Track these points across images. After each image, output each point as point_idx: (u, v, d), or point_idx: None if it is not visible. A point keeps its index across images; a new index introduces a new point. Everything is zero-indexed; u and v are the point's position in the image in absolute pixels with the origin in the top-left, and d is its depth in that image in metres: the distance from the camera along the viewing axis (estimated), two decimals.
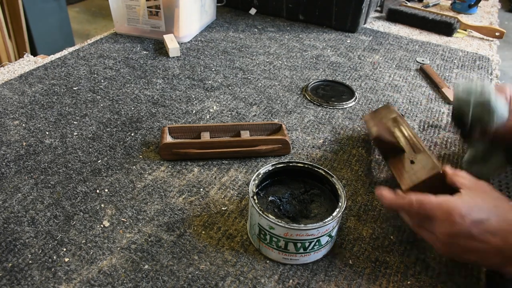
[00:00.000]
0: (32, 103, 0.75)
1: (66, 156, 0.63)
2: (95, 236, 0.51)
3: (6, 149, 0.63)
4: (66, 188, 0.57)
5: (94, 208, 0.54)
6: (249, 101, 0.80)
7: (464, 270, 0.50)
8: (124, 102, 0.77)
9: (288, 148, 0.66)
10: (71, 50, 0.95)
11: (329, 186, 0.53)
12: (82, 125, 0.70)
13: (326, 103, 0.80)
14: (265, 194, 0.53)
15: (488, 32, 1.19)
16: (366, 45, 1.09)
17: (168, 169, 0.62)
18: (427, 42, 1.13)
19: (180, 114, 0.75)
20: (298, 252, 0.47)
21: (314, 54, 1.02)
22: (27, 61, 0.89)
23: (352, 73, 0.94)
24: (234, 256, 0.49)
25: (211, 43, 1.04)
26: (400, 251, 0.51)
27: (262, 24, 1.18)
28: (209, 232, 0.52)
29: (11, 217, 0.52)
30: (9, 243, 0.49)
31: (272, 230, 0.46)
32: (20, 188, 0.57)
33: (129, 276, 0.46)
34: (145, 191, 0.58)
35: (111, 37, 1.03)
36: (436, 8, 1.41)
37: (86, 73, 0.86)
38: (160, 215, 0.54)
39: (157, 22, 1.01)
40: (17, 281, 0.45)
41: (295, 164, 0.54)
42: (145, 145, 0.66)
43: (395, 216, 0.56)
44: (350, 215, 0.56)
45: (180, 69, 0.90)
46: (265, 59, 0.98)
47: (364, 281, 0.47)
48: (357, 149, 0.69)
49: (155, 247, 0.50)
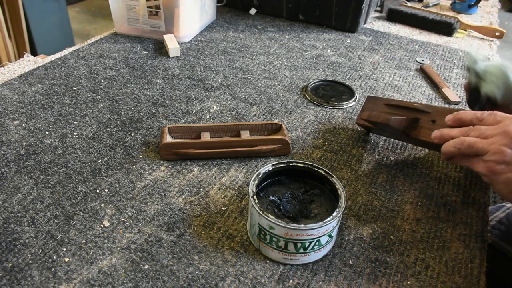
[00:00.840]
0: (32, 103, 0.75)
1: (66, 156, 0.63)
2: (95, 236, 0.51)
3: (6, 149, 0.63)
4: (66, 188, 0.57)
5: (94, 208, 0.54)
6: (249, 101, 0.80)
7: (464, 270, 0.50)
8: (124, 102, 0.77)
9: (288, 148, 0.66)
10: (71, 50, 0.95)
11: (329, 186, 0.53)
12: (82, 125, 0.70)
13: (326, 103, 0.80)
14: (265, 194, 0.53)
15: (488, 32, 1.19)
16: (366, 45, 1.09)
17: (168, 169, 0.62)
18: (427, 42, 1.13)
19: (180, 114, 0.75)
20: (298, 252, 0.47)
21: (314, 54, 1.02)
22: (27, 61, 0.89)
23: (352, 73, 0.94)
24: (234, 256, 0.49)
25: (211, 43, 1.04)
26: (400, 251, 0.51)
27: (262, 24, 1.18)
28: (209, 232, 0.52)
29: (11, 217, 0.52)
30: (9, 243, 0.49)
31: (272, 230, 0.46)
32: (20, 188, 0.57)
33: (129, 276, 0.46)
34: (145, 191, 0.58)
35: (111, 37, 1.03)
36: (436, 8, 1.41)
37: (86, 73, 0.86)
38: (160, 215, 0.54)
39: (157, 22, 1.01)
40: (17, 281, 0.45)
41: (295, 164, 0.54)
42: (145, 145, 0.66)
43: (395, 216, 0.56)
44: (350, 215, 0.56)
45: (180, 69, 0.90)
46: (265, 59, 0.98)
47: (364, 281, 0.48)
48: (357, 149, 0.69)
49: (155, 247, 0.50)
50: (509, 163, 0.44)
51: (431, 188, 0.62)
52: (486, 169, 0.46)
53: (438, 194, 0.61)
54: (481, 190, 0.62)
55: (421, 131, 0.59)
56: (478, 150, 0.46)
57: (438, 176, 0.64)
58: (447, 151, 0.50)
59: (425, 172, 0.65)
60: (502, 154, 0.44)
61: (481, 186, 0.63)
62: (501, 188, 0.46)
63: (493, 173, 0.45)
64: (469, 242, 0.53)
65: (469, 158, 0.48)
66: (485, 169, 0.46)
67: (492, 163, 0.45)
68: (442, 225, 0.56)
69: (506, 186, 0.45)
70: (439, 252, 0.52)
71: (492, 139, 0.46)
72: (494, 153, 0.45)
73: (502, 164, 0.45)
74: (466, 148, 0.47)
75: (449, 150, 0.50)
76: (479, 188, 0.62)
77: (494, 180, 0.46)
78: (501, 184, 0.46)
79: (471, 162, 0.48)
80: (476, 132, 0.48)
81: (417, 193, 0.61)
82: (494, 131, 0.46)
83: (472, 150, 0.47)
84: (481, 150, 0.46)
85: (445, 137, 0.52)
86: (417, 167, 0.66)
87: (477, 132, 0.48)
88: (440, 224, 0.56)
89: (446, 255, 0.51)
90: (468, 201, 0.60)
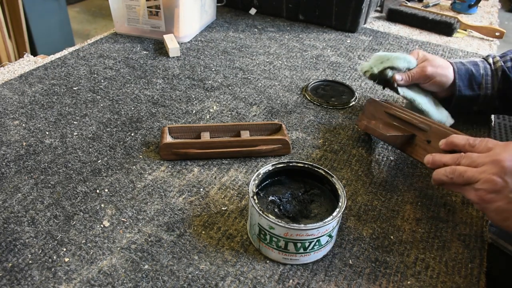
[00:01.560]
0: (32, 103, 0.75)
1: (66, 156, 0.63)
2: (95, 236, 0.51)
3: (6, 149, 0.63)
4: (66, 188, 0.57)
5: (94, 208, 0.54)
6: (249, 101, 0.80)
7: (464, 270, 0.50)
8: (124, 102, 0.77)
9: (288, 148, 0.66)
10: (71, 50, 0.95)
11: (329, 186, 0.53)
12: (82, 125, 0.70)
13: (326, 103, 0.80)
14: (265, 194, 0.53)
15: (488, 32, 1.19)
16: (366, 45, 1.09)
17: (168, 169, 0.62)
18: (427, 42, 1.13)
19: (180, 114, 0.75)
20: (298, 252, 0.47)
21: (314, 54, 1.02)
22: (27, 61, 0.89)
23: (352, 73, 0.94)
24: (234, 256, 0.49)
25: (211, 43, 1.04)
26: (400, 251, 0.52)
27: (262, 24, 1.18)
28: (209, 232, 0.52)
29: (11, 217, 0.52)
30: (9, 243, 0.49)
31: (272, 230, 0.46)
32: (20, 188, 0.57)
33: (129, 276, 0.46)
34: (145, 191, 0.58)
35: (111, 37, 1.03)
36: (436, 8, 1.41)
37: (86, 73, 0.86)
38: (160, 215, 0.54)
39: (157, 22, 1.01)
40: (17, 281, 0.45)
41: (295, 164, 0.54)
42: (145, 145, 0.66)
43: (395, 216, 0.56)
44: (350, 215, 0.56)
45: (180, 69, 0.90)
46: (265, 59, 0.98)
47: (364, 281, 0.48)
48: (357, 149, 0.69)
49: (155, 247, 0.50)
50: (499, 192, 0.45)
51: (431, 188, 0.62)
52: (477, 198, 0.46)
53: (438, 194, 0.61)
54: None
55: (415, 149, 0.60)
56: (469, 179, 0.47)
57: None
58: (439, 179, 0.51)
59: (425, 172, 0.65)
60: (492, 183, 0.45)
61: None
62: (492, 216, 0.47)
63: (484, 201, 0.46)
64: (469, 242, 0.53)
65: (460, 186, 0.49)
66: (476, 197, 0.47)
67: (483, 192, 0.46)
68: (442, 225, 0.56)
69: (497, 214, 0.46)
70: (439, 252, 0.52)
71: (483, 167, 0.46)
72: (484, 182, 0.45)
73: (493, 193, 0.45)
74: (457, 177, 0.48)
75: (440, 179, 0.51)
76: None
77: (486, 208, 0.47)
78: (493, 212, 0.46)
79: (462, 190, 0.49)
80: (467, 160, 0.49)
81: (417, 193, 0.61)
82: (485, 159, 0.47)
83: (463, 179, 0.48)
84: (471, 179, 0.47)
85: (437, 163, 0.52)
86: (417, 167, 0.66)
87: (468, 160, 0.48)
88: (440, 224, 0.56)
89: (446, 255, 0.51)
90: (468, 201, 0.60)
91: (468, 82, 0.69)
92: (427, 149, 0.58)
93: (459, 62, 0.71)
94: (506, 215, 0.45)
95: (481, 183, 0.46)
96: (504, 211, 0.45)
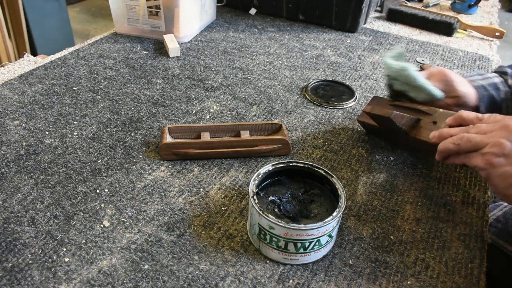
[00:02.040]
0: (32, 103, 0.75)
1: (66, 156, 0.63)
2: (95, 236, 0.51)
3: (6, 149, 0.63)
4: (66, 188, 0.57)
5: (94, 208, 0.54)
6: (249, 101, 0.80)
7: (464, 270, 0.50)
8: (124, 102, 0.77)
9: (288, 148, 0.66)
10: (71, 50, 0.95)
11: (329, 186, 0.53)
12: (82, 125, 0.70)
13: (326, 103, 0.80)
14: (265, 194, 0.53)
15: (488, 32, 1.19)
16: (366, 45, 1.09)
17: (168, 169, 0.62)
18: (427, 42, 1.13)
19: (180, 114, 0.75)
20: (298, 252, 0.47)
21: (314, 54, 1.02)
22: (27, 61, 0.89)
23: (352, 73, 0.94)
24: (234, 256, 0.49)
25: (211, 43, 1.04)
26: (400, 251, 0.52)
27: (262, 24, 1.18)
28: (209, 232, 0.52)
29: (11, 217, 0.52)
30: (9, 243, 0.49)
31: (272, 230, 0.46)
32: (20, 188, 0.57)
33: (129, 276, 0.46)
34: (145, 191, 0.58)
35: (111, 37, 1.03)
36: (436, 8, 1.41)
37: (86, 73, 0.86)
38: (160, 215, 0.54)
39: (157, 22, 1.01)
40: (17, 281, 0.45)
41: (295, 164, 0.54)
42: (145, 145, 0.66)
43: (395, 216, 0.56)
44: (350, 215, 0.56)
45: (180, 69, 0.90)
46: (265, 59, 0.98)
47: (364, 281, 0.48)
48: (357, 149, 0.69)
49: (155, 247, 0.50)
50: (508, 156, 0.44)
51: (431, 188, 0.62)
52: (484, 162, 0.45)
53: (438, 194, 0.61)
54: (481, 190, 0.62)
55: (420, 131, 0.59)
56: (477, 144, 0.46)
57: (438, 176, 0.64)
58: (445, 148, 0.50)
59: (425, 172, 0.65)
60: (501, 146, 0.44)
61: (481, 186, 0.63)
62: (497, 182, 0.45)
63: (491, 165, 0.45)
64: (469, 242, 0.53)
65: (466, 154, 0.48)
66: (483, 162, 0.45)
67: (491, 155, 0.45)
68: (442, 225, 0.56)
69: (502, 180, 0.45)
70: (439, 252, 0.52)
71: (492, 133, 0.46)
72: (493, 145, 0.44)
73: (501, 157, 0.44)
74: (465, 142, 0.47)
75: (447, 147, 0.49)
76: (479, 188, 0.62)
77: (491, 173, 0.45)
78: (498, 177, 0.45)
79: (468, 157, 0.48)
80: (475, 129, 0.48)
81: (417, 193, 0.61)
82: (493, 127, 0.46)
83: (470, 144, 0.47)
84: (480, 143, 0.46)
85: (444, 135, 0.51)
86: (417, 167, 0.66)
87: (477, 129, 0.48)
88: (440, 224, 0.56)
89: (446, 255, 0.51)
90: (468, 201, 0.60)
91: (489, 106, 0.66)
92: (433, 130, 0.56)
93: (481, 86, 0.66)
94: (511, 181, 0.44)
95: (489, 147, 0.45)
96: (510, 176, 0.44)
